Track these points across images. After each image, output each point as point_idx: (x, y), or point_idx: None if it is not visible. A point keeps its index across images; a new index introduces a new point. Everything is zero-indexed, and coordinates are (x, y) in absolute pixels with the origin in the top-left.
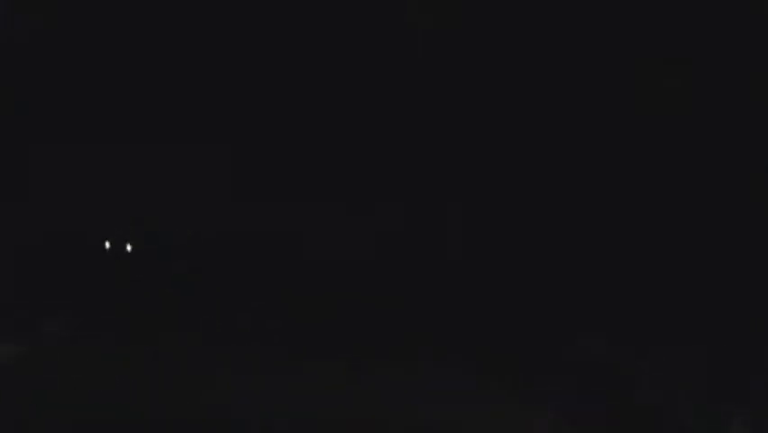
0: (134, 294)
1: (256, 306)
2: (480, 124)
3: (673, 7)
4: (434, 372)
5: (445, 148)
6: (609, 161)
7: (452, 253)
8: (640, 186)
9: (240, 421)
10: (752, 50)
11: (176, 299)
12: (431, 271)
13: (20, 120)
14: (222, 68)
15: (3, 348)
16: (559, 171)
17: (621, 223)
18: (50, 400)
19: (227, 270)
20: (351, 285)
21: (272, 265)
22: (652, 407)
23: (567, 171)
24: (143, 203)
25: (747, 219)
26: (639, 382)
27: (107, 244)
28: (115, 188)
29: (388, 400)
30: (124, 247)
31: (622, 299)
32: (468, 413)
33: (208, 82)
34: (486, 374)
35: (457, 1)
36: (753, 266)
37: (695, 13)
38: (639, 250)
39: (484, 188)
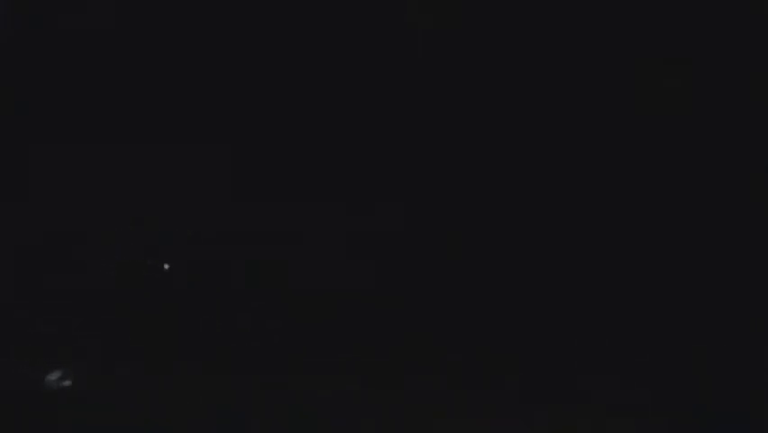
0: (133, 295)
1: (256, 306)
2: (479, 123)
3: (673, 7)
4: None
5: (445, 148)
6: (608, 162)
7: (451, 253)
8: (639, 186)
9: (240, 421)
10: (752, 50)
11: (175, 298)
12: (431, 271)
13: (20, 120)
14: (221, 67)
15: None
16: (558, 172)
17: (620, 222)
18: (50, 400)
19: (227, 270)
20: (350, 286)
21: (272, 265)
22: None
23: (566, 172)
24: (143, 203)
25: (747, 219)
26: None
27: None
28: (115, 188)
29: (388, 401)
30: (125, 248)
31: (615, 303)
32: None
33: (208, 82)
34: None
35: (457, 1)
36: (753, 266)
37: (695, 13)
38: (637, 249)
39: (483, 189)
